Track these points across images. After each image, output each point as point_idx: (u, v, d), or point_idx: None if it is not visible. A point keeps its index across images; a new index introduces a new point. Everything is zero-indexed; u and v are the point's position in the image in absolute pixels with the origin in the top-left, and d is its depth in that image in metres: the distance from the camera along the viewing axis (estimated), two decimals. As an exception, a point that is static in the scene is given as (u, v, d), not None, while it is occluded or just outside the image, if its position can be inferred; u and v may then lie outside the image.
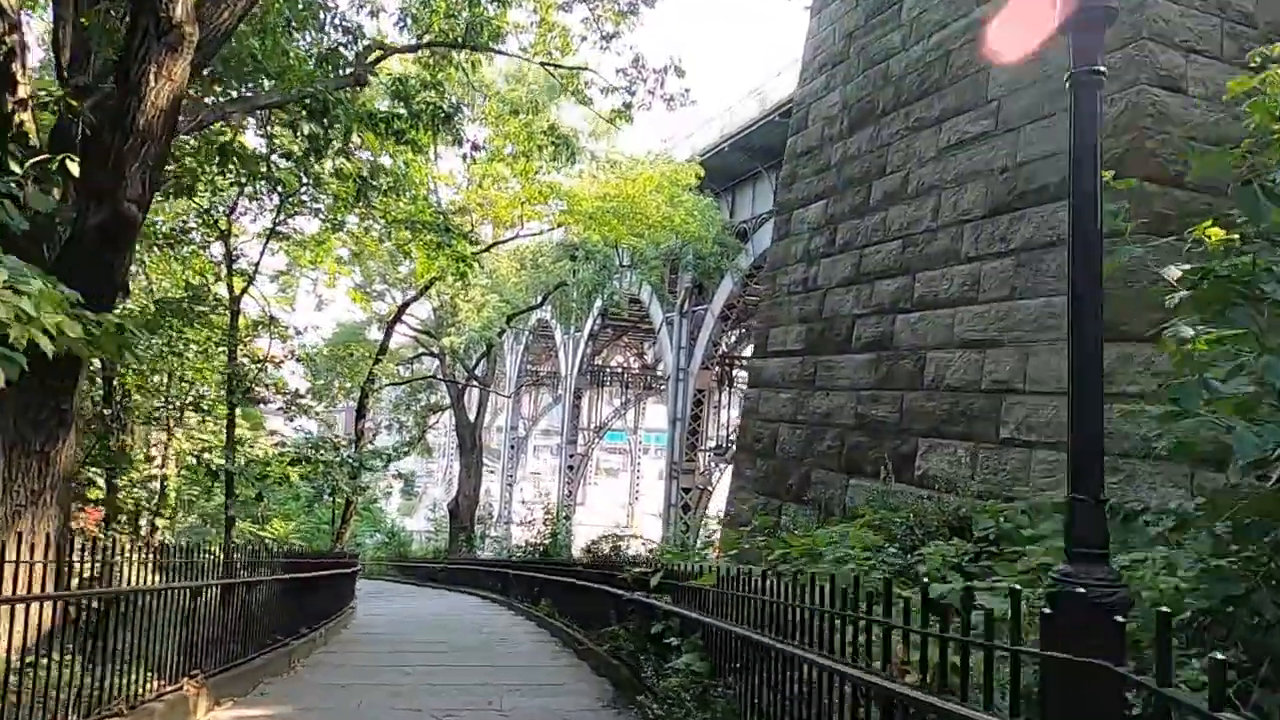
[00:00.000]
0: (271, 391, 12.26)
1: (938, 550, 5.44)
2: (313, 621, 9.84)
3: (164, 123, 5.05)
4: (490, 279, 26.32)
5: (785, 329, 12.39)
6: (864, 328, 10.47)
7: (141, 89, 4.88)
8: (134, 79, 4.86)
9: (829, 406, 10.91)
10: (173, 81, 4.95)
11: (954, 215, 9.24)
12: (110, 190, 5.01)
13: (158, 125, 5.02)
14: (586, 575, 10.28)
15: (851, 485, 10.18)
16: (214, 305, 12.61)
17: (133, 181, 5.04)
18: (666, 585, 5.65)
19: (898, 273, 10.02)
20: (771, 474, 12.02)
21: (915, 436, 9.23)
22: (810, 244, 12.11)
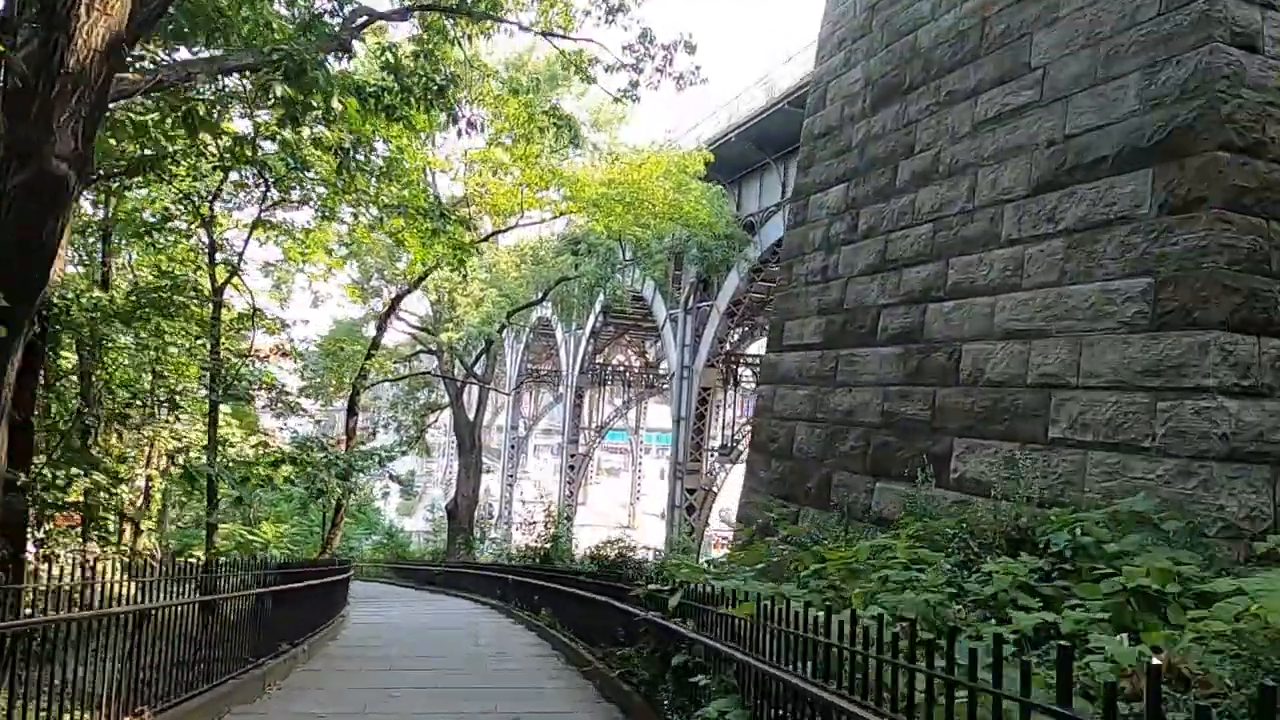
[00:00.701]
0: (256, 387, 11.49)
1: (1004, 567, 4.67)
2: (296, 635, 9.09)
3: (100, 67, 4.29)
4: (490, 273, 25.52)
5: (802, 321, 11.63)
6: (891, 318, 9.71)
7: (71, 25, 4.13)
8: (61, 11, 4.11)
9: (852, 404, 10.15)
10: (109, 16, 4.20)
11: (992, 195, 8.47)
12: (37, 145, 4.26)
13: (92, 69, 4.27)
14: (591, 586, 9.52)
15: (878, 488, 9.42)
16: (196, 296, 11.85)
17: (63, 135, 4.29)
18: (688, 608, 4.89)
19: (929, 259, 9.26)
20: (788, 475, 11.27)
21: (950, 436, 8.48)
22: (830, 230, 11.35)
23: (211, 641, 6.23)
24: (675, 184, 17.74)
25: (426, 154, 14.46)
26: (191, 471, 9.86)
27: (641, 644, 5.85)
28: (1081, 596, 4.41)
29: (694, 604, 4.88)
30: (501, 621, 14.71)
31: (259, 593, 7.15)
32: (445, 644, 11.14)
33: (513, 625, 13.87)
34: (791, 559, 6.39)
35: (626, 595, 7.04)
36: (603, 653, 8.04)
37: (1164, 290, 6.53)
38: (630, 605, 6.68)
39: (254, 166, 11.83)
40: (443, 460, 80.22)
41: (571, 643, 9.68)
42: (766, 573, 6.11)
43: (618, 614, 7.47)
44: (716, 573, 5.98)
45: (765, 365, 12.49)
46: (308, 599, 10.07)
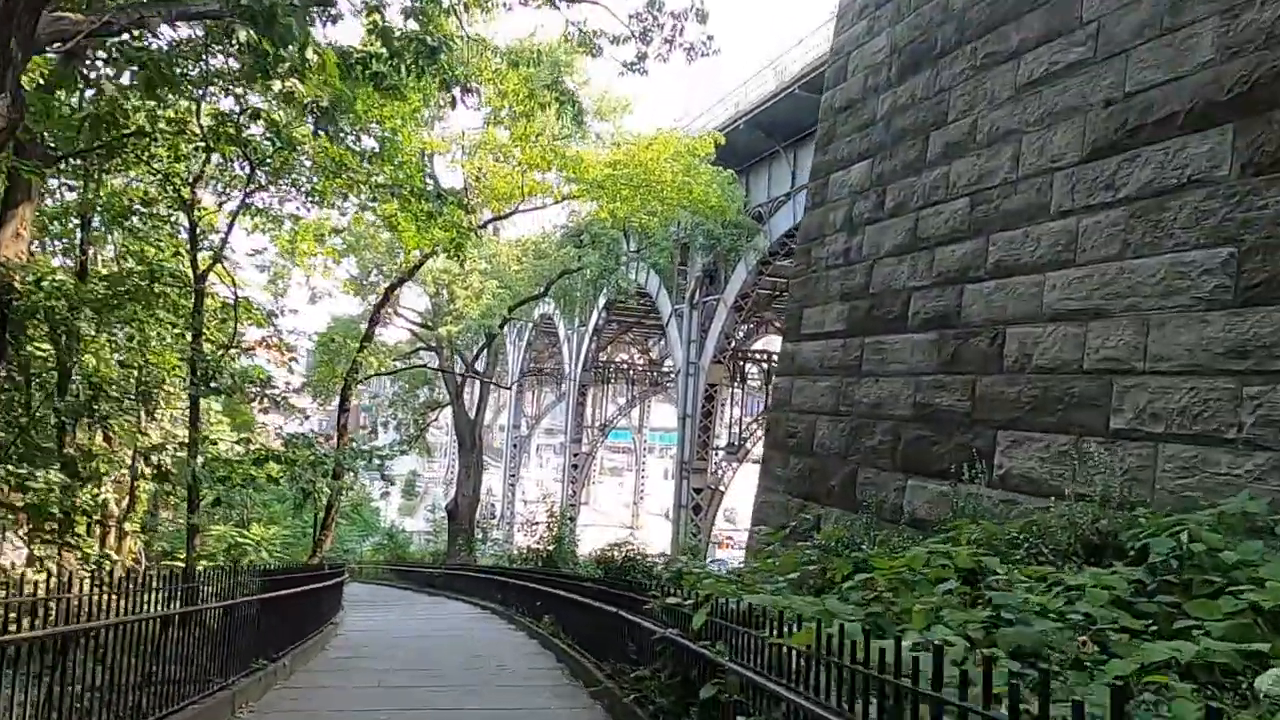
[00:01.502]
0: (241, 381, 10.75)
1: (1097, 579, 3.91)
2: (277, 648, 8.34)
3: None
4: (490, 264, 24.73)
5: (822, 308, 10.86)
6: (923, 302, 8.93)
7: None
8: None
9: (879, 395, 9.38)
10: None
11: (1040, 163, 7.70)
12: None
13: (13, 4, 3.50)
14: (598, 594, 8.76)
15: (910, 486, 8.65)
16: (176, 284, 11.12)
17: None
18: (717, 628, 4.12)
19: (966, 235, 8.49)
20: (808, 473, 10.51)
21: (993, 429, 7.70)
22: (852, 210, 10.58)
23: (169, 661, 5.47)
24: (684, 167, 16.93)
25: (422, 137, 13.70)
26: (166, 470, 9.10)
27: (659, 665, 5.09)
28: (1196, 616, 3.64)
29: (724, 623, 4.12)
30: (502, 628, 13.96)
31: (228, 605, 6.39)
32: (441, 655, 10.39)
33: (513, 633, 13.12)
34: (821, 565, 5.62)
35: (639, 607, 6.28)
36: (611, 669, 7.28)
37: (1249, 260, 5.75)
38: (644, 619, 5.92)
39: (238, 146, 11.10)
40: (444, 461, 79.63)
41: (577, 654, 8.92)
42: (800, 584, 5.34)
43: (629, 627, 6.71)
44: (744, 584, 5.21)
45: (783, 356, 11.73)
46: (292, 607, 9.33)
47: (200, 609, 5.82)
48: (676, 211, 18.78)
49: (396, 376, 35.42)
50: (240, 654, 6.94)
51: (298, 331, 13.14)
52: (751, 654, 3.78)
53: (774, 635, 3.33)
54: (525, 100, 12.26)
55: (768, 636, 3.34)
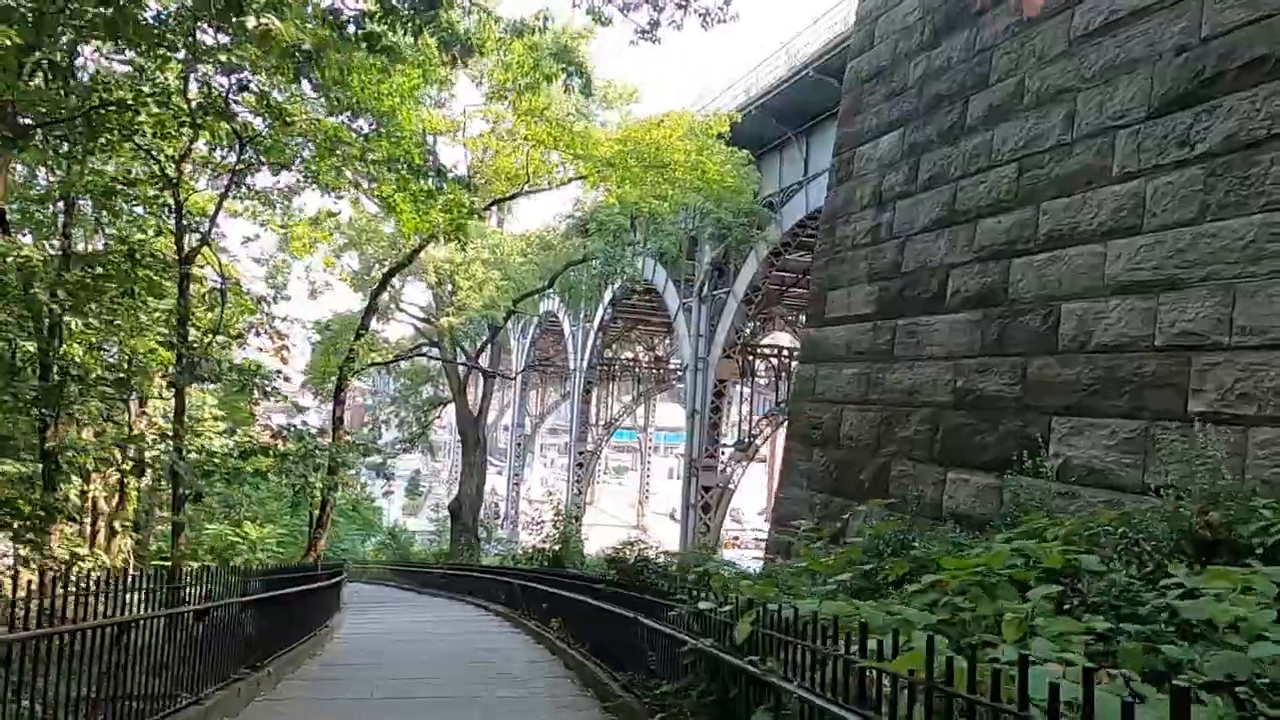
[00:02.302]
0: (226, 369, 10.06)
1: (1232, 578, 3.19)
2: (261, 656, 7.66)
3: None
4: (493, 254, 24.01)
5: (848, 290, 10.15)
6: (963, 279, 8.22)
7: None
8: None
9: (914, 381, 8.67)
10: None
11: (1099, 121, 6.98)
12: None
13: None
14: (612, 596, 8.06)
15: (951, 480, 7.95)
16: (158, 265, 10.43)
17: None
18: (769, 640, 3.42)
19: (1012, 205, 7.77)
20: (833, 467, 9.80)
21: (1047, 415, 6.99)
22: (882, 184, 9.87)
23: (125, 674, 4.79)
24: (697, 146, 16.21)
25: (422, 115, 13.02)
26: (143, 463, 8.43)
27: (688, 681, 4.40)
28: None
29: (774, 634, 3.42)
30: (506, 632, 13.26)
31: (196, 609, 5.71)
32: (441, 661, 9.70)
33: (519, 637, 12.42)
34: (875, 566, 4.91)
35: (660, 612, 5.57)
36: (628, 680, 6.58)
37: (1360, 217, 5.04)
38: (667, 625, 5.21)
39: (225, 120, 10.44)
40: (449, 460, 79.04)
41: (588, 662, 8.22)
42: (854, 587, 4.63)
43: (648, 633, 6.01)
44: (786, 587, 4.51)
45: (805, 342, 11.03)
46: (281, 610, 8.64)
47: (162, 615, 5.12)
48: (688, 196, 18.01)
49: (399, 374, 34.80)
50: (217, 663, 6.25)
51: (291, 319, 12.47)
52: (809, 672, 3.08)
53: (846, 649, 2.64)
54: (530, 71, 11.56)
55: (843, 653, 2.64)
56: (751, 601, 3.72)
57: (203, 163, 12.37)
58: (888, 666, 2.24)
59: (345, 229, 28.48)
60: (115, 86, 10.34)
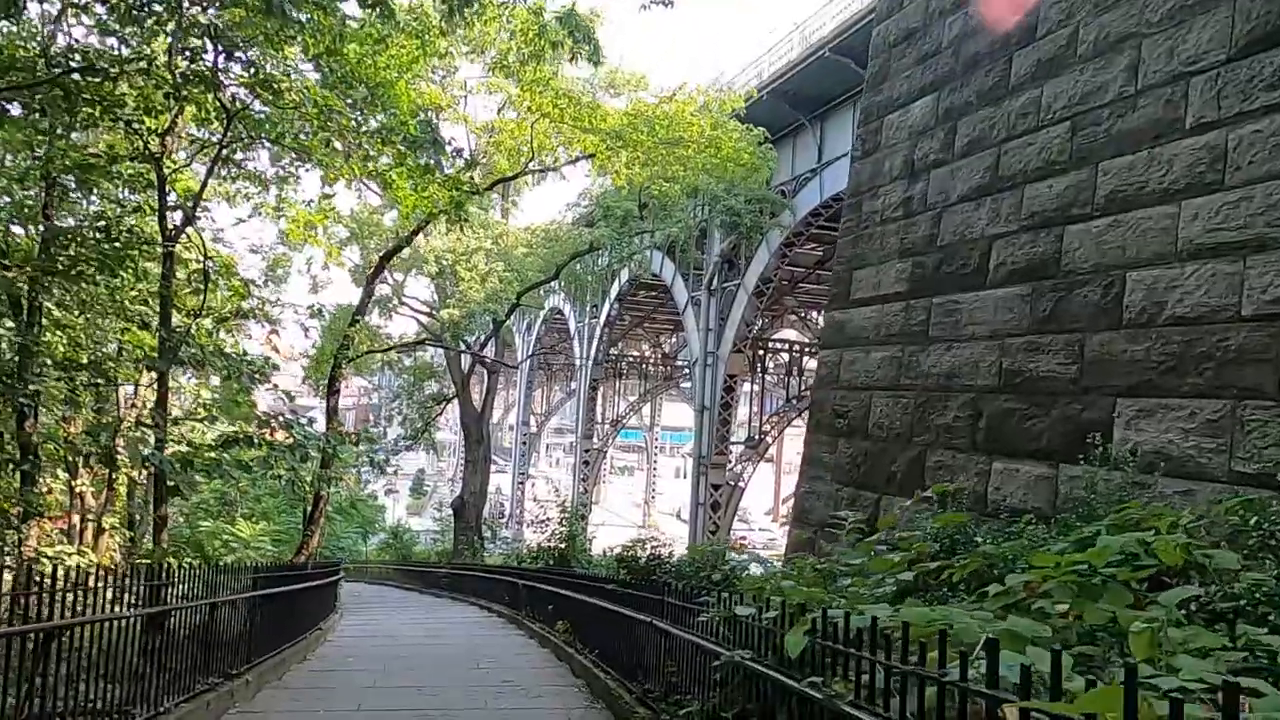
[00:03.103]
0: (210, 354, 9.38)
1: None
2: (244, 661, 7.01)
3: None
4: (496, 245, 23.32)
5: (877, 268, 9.43)
6: (1009, 250, 7.50)
7: None
8: None
9: (953, 363, 7.96)
10: None
11: (1169, 69, 6.26)
12: None
13: None
14: (623, 598, 7.36)
15: (997, 470, 7.23)
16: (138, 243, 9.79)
17: None
18: (831, 655, 2.72)
19: (1065, 167, 7.05)
20: (862, 459, 9.09)
21: (1110, 396, 6.28)
22: (914, 152, 9.15)
23: (66, 686, 4.12)
24: (710, 123, 15.47)
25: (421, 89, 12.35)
26: (113, 452, 7.77)
27: (721, 699, 3.70)
28: None
29: (835, 647, 2.71)
30: (510, 635, 12.58)
31: (150, 613, 5.02)
32: (440, 667, 9.03)
33: (523, 640, 11.74)
34: (940, 565, 4.20)
35: (682, 616, 4.87)
36: (642, 691, 5.90)
37: None
38: (692, 633, 4.51)
39: (211, 90, 9.81)
40: (453, 459, 78.50)
41: (597, 670, 7.53)
42: (909, 589, 3.93)
43: (665, 640, 5.31)
44: (836, 589, 3.81)
45: (828, 326, 10.32)
46: (264, 612, 7.98)
47: (103, 620, 4.44)
48: (700, 177, 17.28)
49: (402, 370, 34.13)
50: (182, 673, 5.57)
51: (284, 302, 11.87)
52: (887, 698, 2.38)
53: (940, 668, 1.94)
54: (535, 39, 10.86)
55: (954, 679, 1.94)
56: (804, 607, 3.03)
57: (189, 141, 11.72)
58: (1069, 711, 1.53)
59: (347, 222, 27.87)
60: (96, 57, 9.73)
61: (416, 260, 27.95)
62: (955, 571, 4.04)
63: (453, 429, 64.73)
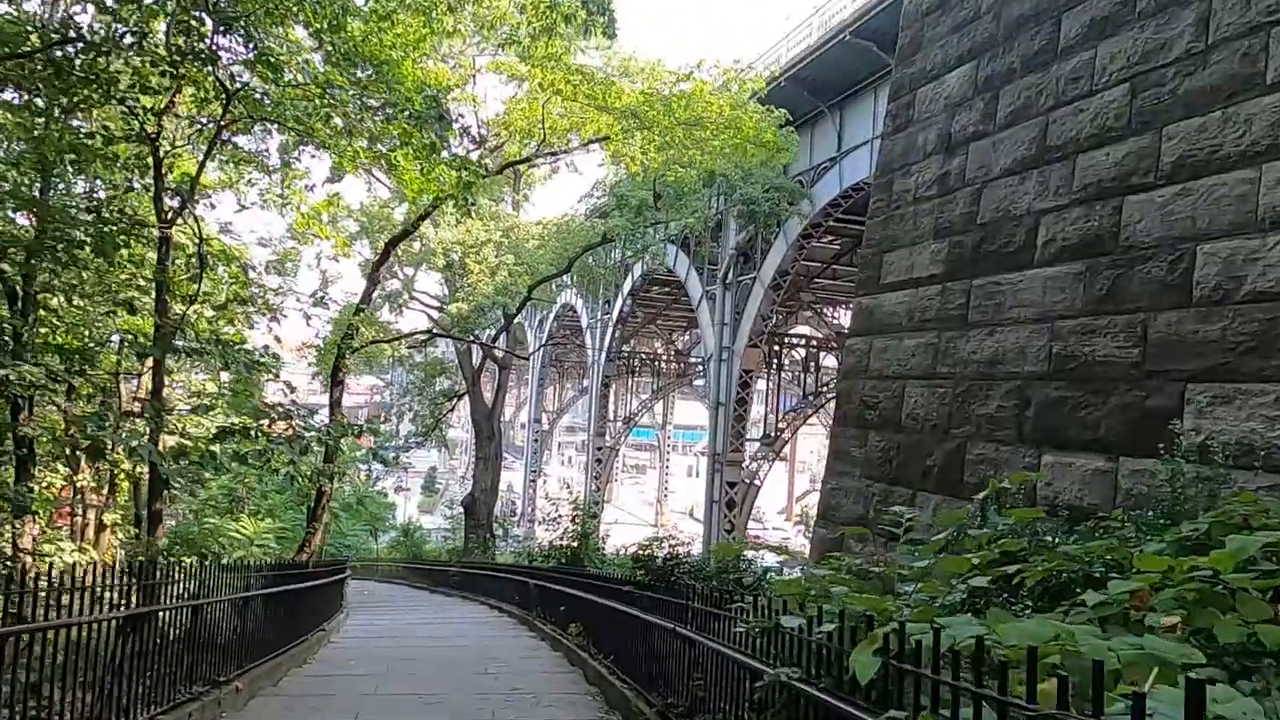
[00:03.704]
0: (209, 341, 8.94)
1: None
2: (236, 666, 6.54)
3: None
4: (507, 238, 22.82)
5: (910, 250, 8.87)
6: (1059, 226, 6.93)
7: None
8: None
9: (996, 349, 7.39)
10: None
11: (1244, 19, 5.67)
12: None
13: None
14: (641, 601, 6.84)
15: (1048, 464, 6.66)
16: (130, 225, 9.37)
17: None
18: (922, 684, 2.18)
19: (1123, 133, 6.47)
20: (894, 452, 8.53)
21: (1178, 381, 5.70)
22: (950, 126, 8.58)
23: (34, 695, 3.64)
24: (730, 102, 14.88)
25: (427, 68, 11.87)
26: (99, 445, 7.32)
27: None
28: None
29: (925, 674, 2.17)
30: (520, 637, 12.09)
31: (125, 616, 4.54)
32: (446, 672, 8.54)
33: (534, 643, 11.24)
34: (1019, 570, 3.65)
35: (711, 624, 4.34)
36: (664, 705, 5.38)
37: None
38: (723, 644, 3.99)
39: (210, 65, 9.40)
40: (465, 457, 78.30)
41: (613, 678, 7.02)
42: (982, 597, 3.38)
43: (686, 646, 4.79)
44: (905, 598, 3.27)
45: (857, 312, 9.75)
46: (260, 614, 7.51)
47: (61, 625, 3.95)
48: (718, 162, 16.68)
49: (412, 366, 33.75)
50: (162, 679, 5.09)
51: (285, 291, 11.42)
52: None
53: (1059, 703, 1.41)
54: (547, 12, 10.37)
55: None
56: (871, 620, 2.50)
57: (188, 124, 11.29)
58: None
59: (357, 216, 27.46)
60: (91, 34, 9.34)
61: (426, 254, 27.54)
62: (1031, 575, 3.48)
63: (465, 427, 64.47)
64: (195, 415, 8.91)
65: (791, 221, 23.51)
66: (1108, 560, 3.36)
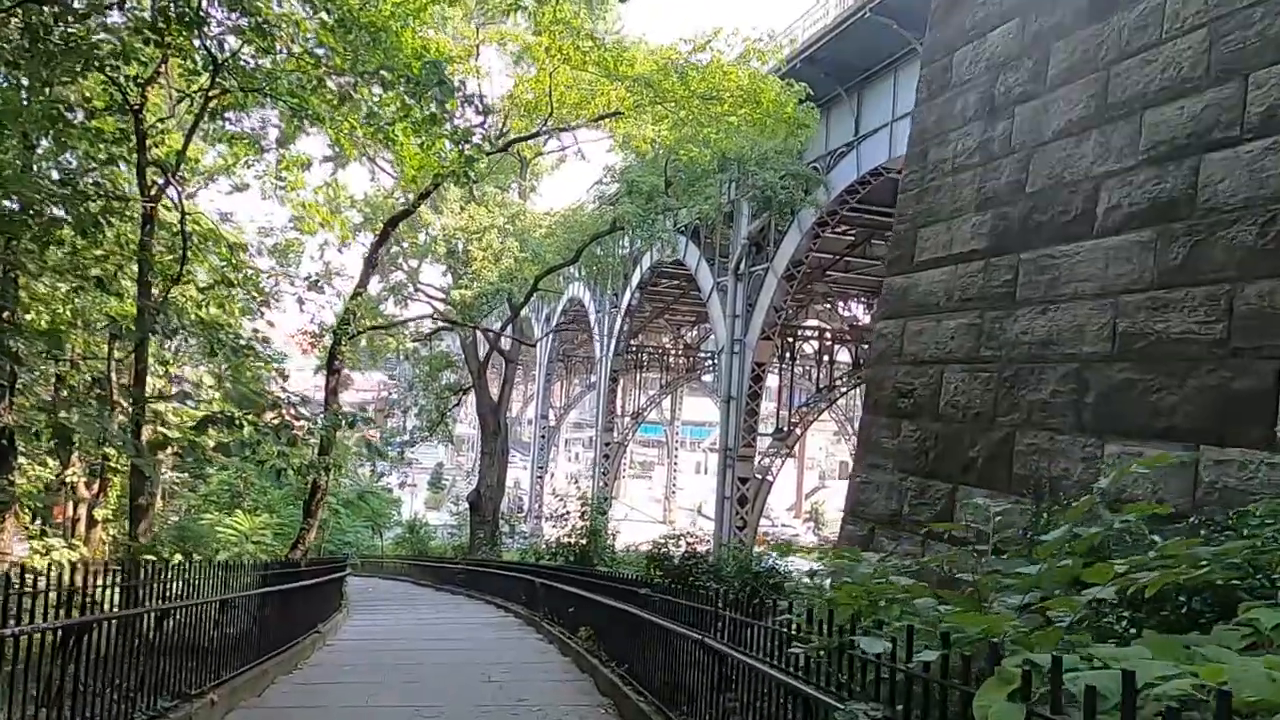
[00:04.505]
0: (192, 324, 8.34)
1: None
2: (213, 676, 5.93)
3: None
4: (512, 224, 22.14)
5: (948, 224, 8.18)
6: (1124, 190, 6.24)
7: None
8: None
9: (1050, 328, 6.71)
10: None
11: (1351, -54, 4.97)
12: None
13: None
14: (658, 605, 6.19)
15: (1112, 454, 5.97)
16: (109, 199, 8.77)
17: None
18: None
19: (1202, 84, 5.78)
20: (931, 443, 7.86)
21: (1271, 360, 5.01)
22: (994, 87, 7.88)
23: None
24: (749, 74, 14.15)
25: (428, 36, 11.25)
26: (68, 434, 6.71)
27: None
28: None
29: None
30: (526, 639, 11.47)
31: (67, 624, 3.91)
32: (445, 679, 7.92)
33: (541, 646, 10.62)
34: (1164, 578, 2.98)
35: (753, 634, 3.70)
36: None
37: None
38: (765, 662, 3.33)
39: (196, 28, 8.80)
40: (472, 454, 77.84)
41: (626, 688, 6.38)
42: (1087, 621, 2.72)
43: (721, 664, 4.14)
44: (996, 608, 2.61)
45: (888, 293, 9.07)
46: (239, 619, 6.89)
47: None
48: (734, 140, 15.98)
49: (418, 360, 33.16)
50: (113, 697, 4.47)
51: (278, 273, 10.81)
52: None
53: None
54: (556, -32, 9.77)
55: None
56: (997, 650, 1.84)
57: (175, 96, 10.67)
58: None
59: (360, 206, 26.86)
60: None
61: (430, 245, 26.91)
62: (1151, 585, 2.81)
63: (471, 424, 63.94)
64: (170, 402, 8.28)
65: (806, 210, 22.81)
66: (1258, 566, 2.69)
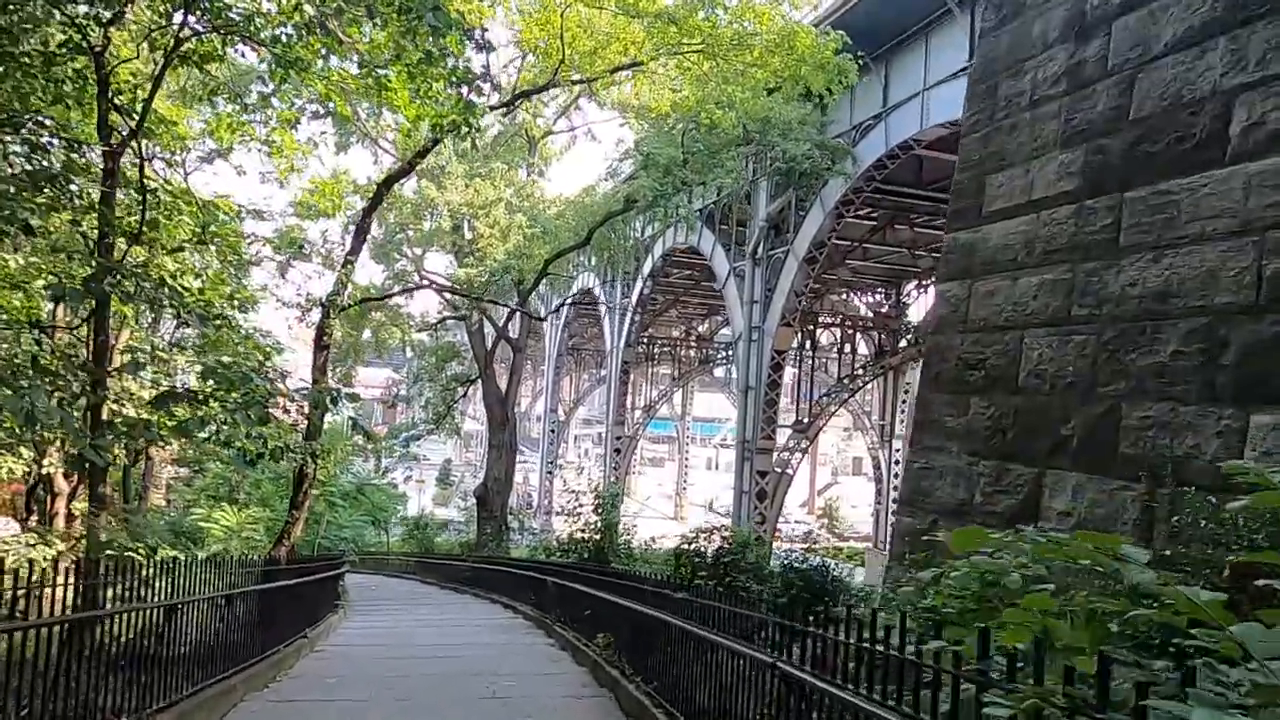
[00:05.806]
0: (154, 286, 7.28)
1: None
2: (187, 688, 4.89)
3: None
4: (520, 199, 21.04)
5: (1027, 166, 7.04)
6: (1265, 105, 5.10)
7: None
8: None
9: (1166, 278, 5.57)
10: None
11: None
12: None
13: None
14: (701, 614, 5.08)
15: (1261, 427, 4.84)
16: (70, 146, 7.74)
17: None
18: None
19: (1379, -39, 4.62)
20: (1009, 421, 6.73)
21: None
22: (1084, 3, 6.73)
23: None
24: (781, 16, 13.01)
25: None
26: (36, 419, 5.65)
27: None
28: None
29: None
30: (536, 644, 10.39)
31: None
32: (443, 693, 6.87)
33: (553, 653, 9.54)
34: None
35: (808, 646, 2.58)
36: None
37: None
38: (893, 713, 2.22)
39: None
40: (480, 449, 76.99)
41: (658, 710, 5.27)
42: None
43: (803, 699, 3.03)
44: None
45: (949, 252, 7.93)
46: (198, 626, 5.84)
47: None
48: (760, 103, 14.78)
49: (424, 351, 32.18)
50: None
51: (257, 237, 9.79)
52: None
53: None
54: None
55: None
56: None
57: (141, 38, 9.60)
58: None
59: (364, 191, 25.85)
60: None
61: (436, 230, 25.88)
62: None
63: (480, 419, 62.93)
64: (124, 372, 7.23)
65: (830, 188, 21.64)
66: None
